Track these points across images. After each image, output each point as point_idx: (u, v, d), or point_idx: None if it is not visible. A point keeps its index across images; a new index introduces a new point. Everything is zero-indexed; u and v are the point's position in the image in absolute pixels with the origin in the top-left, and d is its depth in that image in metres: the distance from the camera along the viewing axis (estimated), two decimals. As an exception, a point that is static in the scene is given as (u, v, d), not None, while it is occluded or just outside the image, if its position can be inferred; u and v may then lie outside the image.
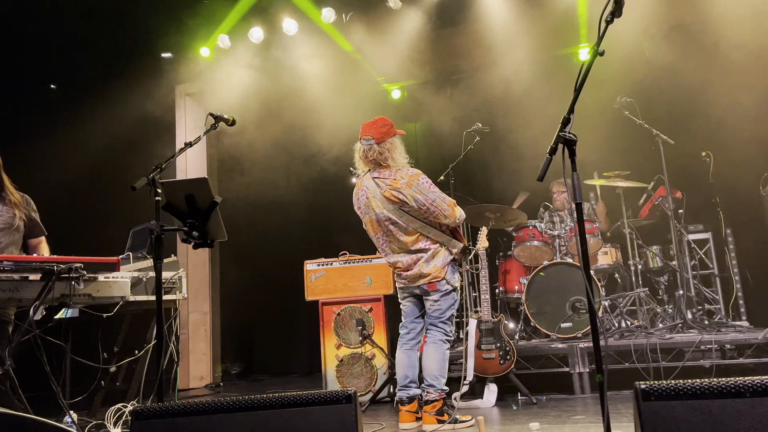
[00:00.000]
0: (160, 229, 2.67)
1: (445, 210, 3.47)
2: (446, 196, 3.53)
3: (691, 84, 6.63)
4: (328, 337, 4.90)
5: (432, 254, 3.52)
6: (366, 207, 3.62)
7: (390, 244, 3.61)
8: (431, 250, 3.52)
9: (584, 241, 2.37)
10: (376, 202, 3.54)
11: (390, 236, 3.57)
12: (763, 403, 1.64)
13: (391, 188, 3.48)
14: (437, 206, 3.46)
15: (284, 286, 7.66)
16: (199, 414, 1.94)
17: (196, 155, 7.10)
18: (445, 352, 3.57)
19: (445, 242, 3.54)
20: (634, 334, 4.53)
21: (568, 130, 2.40)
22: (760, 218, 4.69)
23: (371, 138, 3.54)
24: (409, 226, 3.51)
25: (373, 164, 3.59)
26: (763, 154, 5.70)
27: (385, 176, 3.53)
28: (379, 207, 3.53)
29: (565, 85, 2.44)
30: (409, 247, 3.53)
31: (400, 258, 3.59)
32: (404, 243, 3.54)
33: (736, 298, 5.74)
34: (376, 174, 3.57)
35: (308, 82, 6.92)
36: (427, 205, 3.45)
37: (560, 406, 3.96)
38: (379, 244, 3.68)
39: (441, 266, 3.51)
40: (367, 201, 3.60)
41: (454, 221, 3.52)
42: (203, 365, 6.78)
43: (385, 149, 3.54)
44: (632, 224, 5.35)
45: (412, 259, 3.55)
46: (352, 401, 2.01)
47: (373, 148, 3.54)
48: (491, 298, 4.69)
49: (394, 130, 3.63)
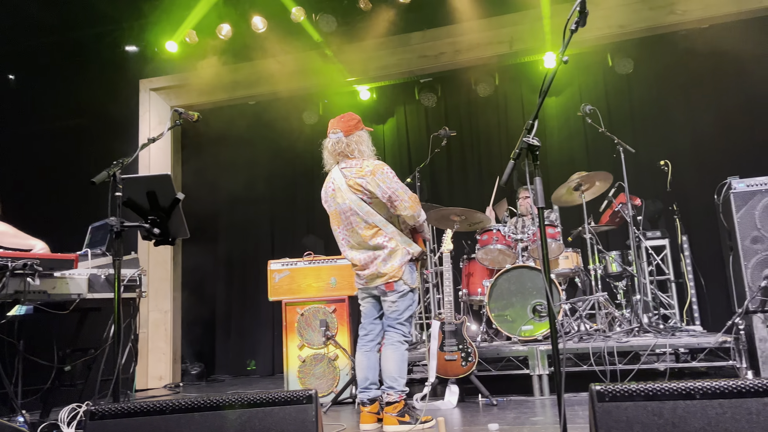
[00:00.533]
0: (119, 226, 2.62)
1: (405, 201, 3.48)
2: (409, 190, 3.56)
3: (651, 95, 6.83)
4: (291, 337, 4.87)
5: (389, 253, 3.51)
6: (332, 199, 3.65)
7: (349, 239, 3.62)
8: (388, 248, 3.51)
9: (545, 246, 2.42)
10: (341, 193, 3.57)
11: (350, 230, 3.58)
12: (713, 405, 1.70)
13: (356, 177, 3.52)
14: (398, 196, 3.47)
15: (247, 285, 7.62)
16: (155, 414, 1.91)
17: (161, 151, 6.98)
18: (404, 353, 3.58)
19: (403, 242, 3.54)
20: (593, 338, 4.62)
21: (531, 136, 2.43)
22: (714, 226, 4.84)
23: (339, 131, 3.60)
24: (369, 219, 3.51)
25: (341, 156, 3.63)
26: (719, 164, 5.89)
27: (351, 166, 3.58)
28: (342, 198, 3.56)
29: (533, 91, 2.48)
30: (367, 241, 3.53)
31: (358, 255, 3.59)
32: (363, 237, 3.53)
33: (690, 304, 5.92)
34: (344, 165, 3.61)
35: (277, 79, 6.88)
36: (389, 193, 3.47)
37: (520, 407, 4.01)
38: (339, 239, 3.68)
39: (398, 266, 3.50)
40: (333, 193, 3.64)
41: (413, 215, 3.52)
42: (163, 365, 6.67)
43: (352, 142, 3.60)
44: (593, 230, 5.47)
45: (369, 257, 3.55)
46: (313, 402, 2.00)
47: (341, 140, 3.59)
48: (455, 300, 4.73)
49: (361, 125, 3.69)
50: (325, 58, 6.75)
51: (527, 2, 6.17)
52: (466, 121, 7.43)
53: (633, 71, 6.78)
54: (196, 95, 7.11)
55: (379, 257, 3.52)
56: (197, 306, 7.38)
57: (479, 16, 6.34)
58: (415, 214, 3.52)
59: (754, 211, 4.23)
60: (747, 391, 1.68)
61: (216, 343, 7.68)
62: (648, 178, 6.27)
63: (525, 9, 6.22)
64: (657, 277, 6.06)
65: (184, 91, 7.15)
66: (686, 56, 6.62)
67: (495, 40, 6.35)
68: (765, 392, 1.66)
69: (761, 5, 5.72)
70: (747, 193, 4.28)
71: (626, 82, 6.92)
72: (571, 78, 7.04)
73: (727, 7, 5.80)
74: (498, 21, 6.32)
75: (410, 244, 3.56)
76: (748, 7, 5.75)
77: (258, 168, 7.58)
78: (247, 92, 7.06)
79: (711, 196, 4.58)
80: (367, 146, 3.64)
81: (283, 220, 7.85)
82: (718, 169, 5.40)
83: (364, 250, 3.57)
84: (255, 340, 7.49)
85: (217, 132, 7.17)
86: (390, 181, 3.50)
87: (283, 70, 6.86)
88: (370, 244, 3.54)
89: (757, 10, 5.78)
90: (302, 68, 6.83)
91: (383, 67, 6.69)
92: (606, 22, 6.01)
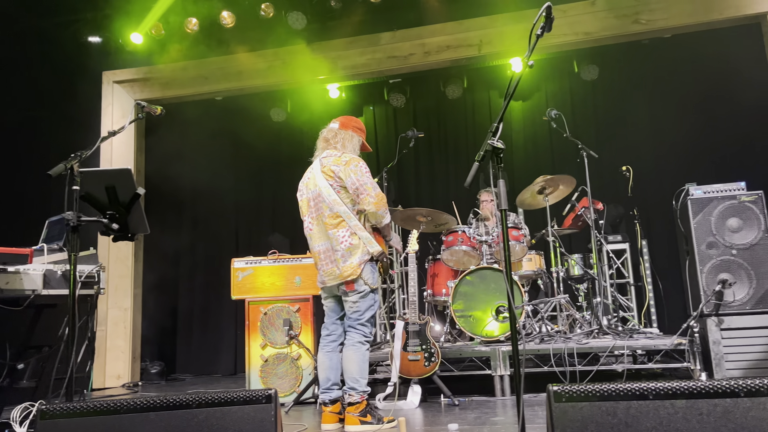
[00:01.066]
0: (76, 220, 2.55)
1: (371, 197, 3.48)
2: (379, 189, 3.56)
3: (615, 101, 6.97)
4: (254, 336, 4.82)
5: (348, 249, 3.49)
6: (305, 187, 3.69)
7: (313, 226, 3.62)
8: (348, 243, 3.49)
9: (507, 248, 2.44)
10: (314, 180, 3.62)
11: (316, 217, 3.60)
12: (665, 405, 1.74)
13: (331, 164, 3.57)
14: (366, 189, 3.48)
15: (210, 283, 7.51)
16: (108, 414, 1.86)
17: (123, 145, 6.83)
18: (365, 354, 3.58)
19: (365, 238, 3.53)
20: (554, 339, 4.69)
21: (496, 139, 2.46)
22: (672, 231, 4.98)
23: (337, 122, 3.76)
24: (335, 207, 3.51)
25: (326, 144, 3.70)
26: (678, 171, 6.06)
27: (331, 155, 3.64)
28: (315, 185, 3.60)
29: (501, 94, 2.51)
30: (328, 231, 3.52)
31: (319, 245, 3.59)
32: (326, 226, 3.54)
33: (648, 307, 6.06)
34: (325, 154, 3.67)
35: (244, 76, 6.81)
36: (357, 185, 3.48)
37: (481, 407, 4.05)
38: (305, 228, 3.68)
39: (357, 264, 3.48)
40: (307, 181, 3.69)
41: (375, 212, 3.50)
42: (121, 363, 6.53)
43: (341, 135, 3.70)
44: (556, 233, 5.55)
45: (329, 248, 3.53)
46: (272, 401, 1.99)
47: (333, 129, 3.73)
48: (419, 300, 4.74)
49: (359, 131, 3.79)
50: (294, 55, 6.70)
51: (496, 6, 6.24)
52: (434, 123, 7.47)
53: (598, 78, 6.91)
54: (161, 89, 6.98)
55: (338, 252, 3.51)
56: (159, 303, 7.25)
57: (449, 18, 6.39)
58: (379, 212, 3.52)
59: (710, 218, 4.35)
60: (698, 393, 1.72)
61: (177, 341, 7.55)
62: (610, 183, 6.40)
63: (494, 13, 6.29)
64: (617, 280, 6.19)
65: (149, 85, 7.02)
66: (649, 65, 6.79)
67: (464, 43, 6.40)
68: (715, 394, 1.71)
69: (721, 17, 5.90)
70: (704, 199, 4.40)
71: (591, 88, 7.05)
72: (537, 83, 7.15)
73: (688, 18, 5.96)
74: (467, 24, 6.37)
75: (371, 243, 3.54)
76: (709, 18, 5.92)
77: (224, 165, 7.49)
78: (214, 87, 6.96)
79: (670, 201, 4.70)
80: (352, 145, 3.70)
81: (248, 217, 7.77)
82: (677, 175, 5.55)
83: (326, 241, 3.56)
84: (217, 339, 7.40)
85: (183, 127, 7.07)
86: (362, 175, 3.52)
87: (251, 67, 6.80)
88: (331, 234, 3.52)
89: (717, 22, 5.96)
90: (271, 65, 6.77)
91: (352, 67, 6.68)
92: (572, 28, 6.12)
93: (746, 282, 4.24)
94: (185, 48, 6.76)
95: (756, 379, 1.71)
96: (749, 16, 5.89)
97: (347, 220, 3.51)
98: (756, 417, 1.68)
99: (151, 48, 6.73)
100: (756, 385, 1.70)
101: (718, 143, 6.36)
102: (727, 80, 6.32)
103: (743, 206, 4.31)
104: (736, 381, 1.72)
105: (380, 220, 3.56)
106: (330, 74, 6.76)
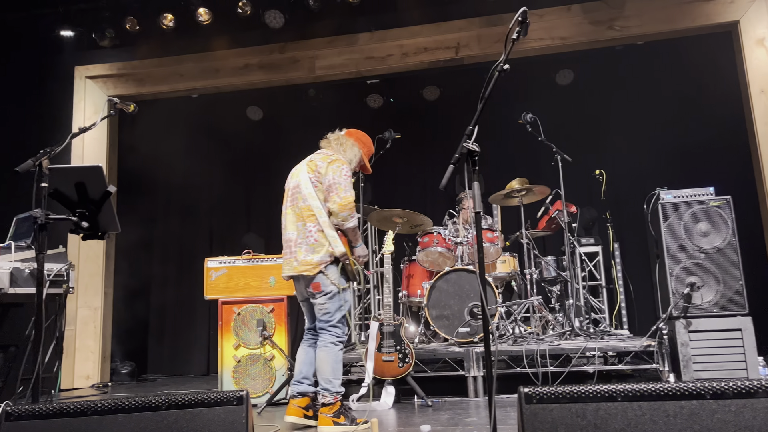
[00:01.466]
0: (45, 218, 2.50)
1: (339, 198, 3.50)
2: (351, 193, 3.55)
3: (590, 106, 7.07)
4: (227, 337, 4.77)
5: (313, 245, 3.50)
6: (291, 177, 3.74)
7: (289, 216, 3.64)
8: (314, 239, 3.50)
9: (481, 249, 2.46)
10: (298, 171, 3.69)
11: (292, 206, 3.63)
12: (632, 407, 1.77)
13: (318, 159, 3.63)
14: (336, 189, 3.51)
15: (184, 283, 7.43)
16: (75, 415, 1.83)
17: (96, 142, 6.72)
18: (337, 354, 3.57)
19: (331, 236, 3.51)
20: (527, 340, 4.73)
21: (471, 142, 2.47)
22: (643, 235, 5.06)
23: (345, 130, 3.85)
24: (309, 200, 3.54)
25: (326, 144, 3.79)
26: (650, 176, 6.16)
27: (322, 152, 3.71)
28: (298, 176, 3.66)
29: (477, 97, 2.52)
30: (297, 222, 3.57)
31: (290, 233, 3.61)
32: (297, 216, 3.58)
33: (619, 309, 6.16)
34: (319, 151, 3.75)
35: (221, 74, 6.75)
36: (331, 182, 3.53)
37: (454, 408, 4.06)
38: (283, 218, 3.70)
39: (316, 262, 3.48)
40: (294, 171, 3.74)
41: (338, 213, 3.50)
42: (91, 363, 6.41)
43: (342, 141, 3.77)
44: (530, 235, 5.60)
45: (296, 241, 3.55)
46: (244, 403, 1.97)
47: (337, 134, 3.82)
48: (394, 301, 4.74)
49: (362, 147, 3.84)
50: (272, 54, 6.66)
51: (474, 9, 6.28)
52: (411, 124, 7.48)
53: (573, 83, 7.00)
54: (135, 85, 6.88)
55: (302, 245, 3.52)
56: (130, 302, 7.14)
57: (427, 20, 6.41)
58: (342, 213, 3.51)
59: (679, 222, 4.43)
60: (665, 394, 1.75)
61: (149, 341, 7.45)
62: (584, 186, 6.49)
63: (472, 16, 6.33)
64: (589, 283, 6.27)
65: (123, 81, 6.90)
66: (623, 71, 6.90)
67: (442, 45, 6.43)
68: (681, 396, 1.74)
69: (693, 25, 6.02)
70: (674, 204, 4.48)
71: (566, 92, 7.14)
72: (512, 86, 7.20)
73: (662, 26, 6.07)
74: (445, 26, 6.40)
75: (336, 242, 3.52)
76: (682, 26, 6.04)
77: (199, 164, 7.41)
78: (191, 85, 6.88)
79: (641, 205, 4.78)
80: (350, 153, 3.73)
81: (222, 217, 7.70)
82: (649, 180, 5.64)
83: (295, 231, 3.58)
84: (190, 339, 7.32)
85: (158, 125, 6.97)
86: (339, 175, 3.54)
87: (228, 65, 6.74)
88: (300, 226, 3.56)
89: (689, 30, 6.08)
90: (248, 63, 6.72)
91: (330, 66, 6.65)
92: (548, 33, 6.18)
93: (714, 285, 4.33)
94: (161, 44, 6.67)
95: (722, 382, 1.75)
96: (721, 24, 6.02)
97: (318, 215, 3.52)
98: (721, 419, 1.72)
99: (126, 44, 6.63)
100: (721, 388, 1.73)
101: (688, 148, 6.48)
102: (698, 87, 6.45)
103: (712, 211, 4.40)
104: (702, 383, 1.75)
105: (341, 221, 3.54)
106: (307, 73, 6.73)
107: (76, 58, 6.84)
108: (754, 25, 5.87)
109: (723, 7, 5.95)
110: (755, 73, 5.84)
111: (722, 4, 5.95)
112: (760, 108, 5.80)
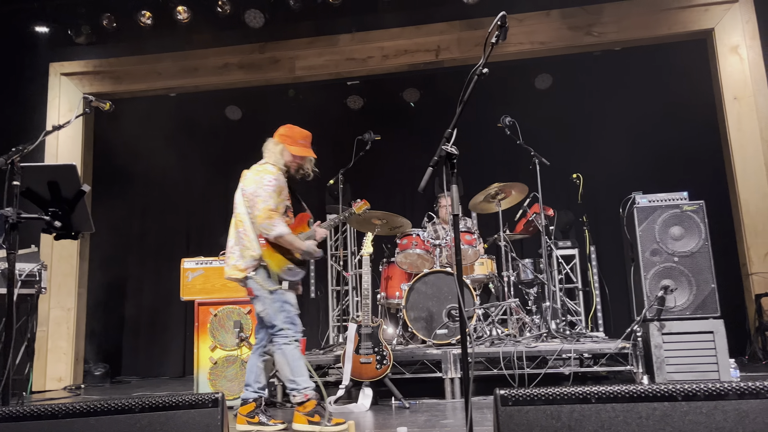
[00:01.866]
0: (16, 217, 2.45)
1: (257, 209, 3.53)
2: (269, 203, 3.53)
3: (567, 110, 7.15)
4: (203, 338, 4.73)
5: (242, 251, 3.60)
6: None
7: (231, 223, 3.75)
8: (243, 244, 3.60)
9: (459, 252, 2.47)
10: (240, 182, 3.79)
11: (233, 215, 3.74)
12: (606, 409, 1.79)
13: (249, 170, 3.73)
14: (256, 203, 3.56)
15: (159, 283, 7.34)
16: (45, 418, 1.79)
17: (70, 140, 6.61)
18: (292, 353, 3.57)
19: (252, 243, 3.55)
20: (504, 342, 4.76)
21: (450, 144, 2.48)
22: (619, 238, 5.12)
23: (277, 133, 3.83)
24: (238, 208, 3.67)
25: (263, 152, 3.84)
26: (625, 180, 6.24)
27: (258, 163, 3.78)
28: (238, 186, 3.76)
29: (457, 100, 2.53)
30: (235, 228, 3.68)
31: (229, 240, 3.72)
32: (234, 223, 3.70)
33: (595, 311, 6.23)
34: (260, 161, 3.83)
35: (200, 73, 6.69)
36: (251, 194, 3.60)
37: (431, 410, 4.07)
38: None
39: (243, 267, 3.58)
40: None
41: (259, 223, 3.52)
42: (63, 365, 6.30)
43: (268, 144, 3.80)
44: (508, 238, 5.64)
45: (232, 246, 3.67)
46: (219, 405, 1.95)
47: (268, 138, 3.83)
48: (372, 303, 4.73)
49: (285, 139, 3.78)
50: (252, 54, 6.62)
51: (455, 13, 6.31)
52: (391, 126, 7.48)
53: (551, 87, 7.07)
54: (112, 83, 6.79)
55: (234, 253, 3.64)
56: (105, 303, 7.04)
57: (408, 23, 6.43)
58: (261, 225, 3.54)
59: (654, 226, 4.50)
60: (638, 396, 1.77)
61: (123, 342, 7.35)
62: (561, 190, 6.55)
63: (452, 19, 6.36)
64: (566, 285, 6.33)
65: (99, 78, 6.81)
66: (601, 76, 6.99)
67: (422, 48, 6.45)
68: (654, 397, 1.77)
69: (670, 32, 6.13)
70: (649, 208, 4.55)
71: (545, 96, 7.20)
72: (492, 89, 7.25)
73: (639, 32, 6.17)
74: (426, 29, 6.42)
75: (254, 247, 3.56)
76: (658, 33, 6.14)
77: (176, 163, 7.32)
78: (169, 83, 6.82)
79: (617, 209, 4.84)
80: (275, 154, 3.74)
81: (199, 217, 7.63)
82: (625, 184, 5.72)
83: (233, 237, 3.70)
84: (165, 340, 7.23)
85: (135, 123, 6.87)
86: (259, 187, 3.57)
87: (208, 64, 6.69)
88: (235, 232, 3.68)
89: (666, 36, 6.18)
90: (227, 63, 6.68)
91: (310, 67, 6.64)
92: (528, 38, 6.24)
93: (687, 288, 4.40)
94: (138, 42, 6.59)
95: (693, 384, 1.77)
96: (696, 32, 6.14)
97: (245, 223, 3.62)
98: (693, 421, 1.74)
99: (103, 41, 6.53)
100: (693, 390, 1.76)
101: (664, 153, 6.58)
102: (674, 93, 6.56)
103: (685, 215, 4.48)
104: (674, 385, 1.78)
105: (264, 232, 3.56)
106: (288, 74, 6.71)
107: (51, 54, 6.73)
108: (729, 33, 5.99)
109: (698, 16, 6.07)
110: (729, 80, 5.96)
111: (698, 12, 6.07)
112: (733, 114, 5.92)
